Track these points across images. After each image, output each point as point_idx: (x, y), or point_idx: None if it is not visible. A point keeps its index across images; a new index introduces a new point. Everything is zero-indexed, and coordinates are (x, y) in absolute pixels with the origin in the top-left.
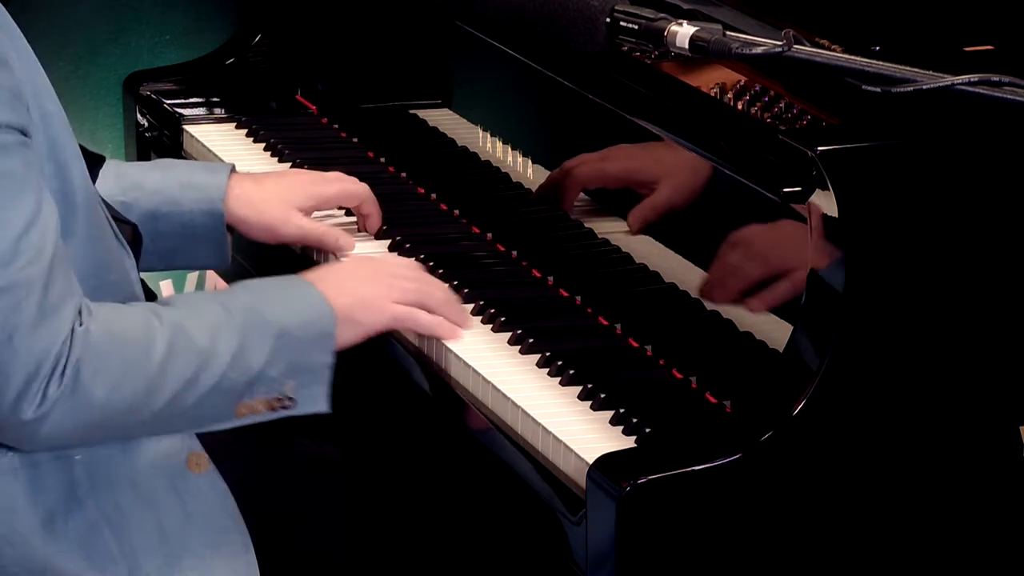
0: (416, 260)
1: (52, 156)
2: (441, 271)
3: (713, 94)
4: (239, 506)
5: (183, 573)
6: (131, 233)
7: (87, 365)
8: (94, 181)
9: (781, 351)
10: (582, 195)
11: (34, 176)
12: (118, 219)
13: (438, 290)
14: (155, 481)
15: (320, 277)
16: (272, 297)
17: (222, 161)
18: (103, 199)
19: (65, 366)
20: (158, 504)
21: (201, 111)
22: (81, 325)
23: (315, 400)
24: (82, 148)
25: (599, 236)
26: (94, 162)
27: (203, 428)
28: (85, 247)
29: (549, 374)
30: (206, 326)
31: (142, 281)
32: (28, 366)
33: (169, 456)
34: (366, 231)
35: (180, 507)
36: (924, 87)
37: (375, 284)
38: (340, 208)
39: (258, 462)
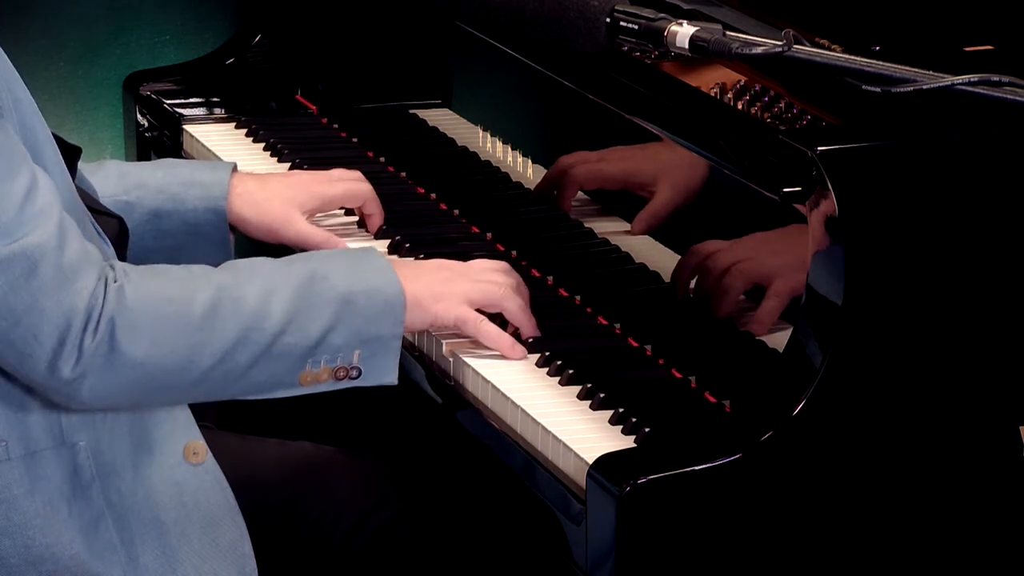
0: (415, 260)
1: (25, 141)
2: None
3: (713, 94)
4: (240, 506)
5: (180, 563)
6: (116, 227)
7: (122, 321)
8: (73, 172)
9: (781, 351)
10: (581, 195)
11: (21, 149)
12: (103, 213)
13: (518, 298)
14: (154, 471)
15: (398, 261)
16: (340, 265)
17: (222, 161)
18: (85, 193)
19: (99, 321)
20: (157, 494)
21: (201, 111)
22: (116, 282)
23: (382, 372)
24: (58, 139)
25: (598, 236)
26: (71, 154)
27: (267, 394)
28: None
29: (548, 374)
30: (259, 288)
31: None
32: (58, 326)
33: (166, 448)
34: (367, 231)
35: (177, 498)
36: (924, 87)
37: (451, 283)
38: (341, 208)
39: (259, 463)
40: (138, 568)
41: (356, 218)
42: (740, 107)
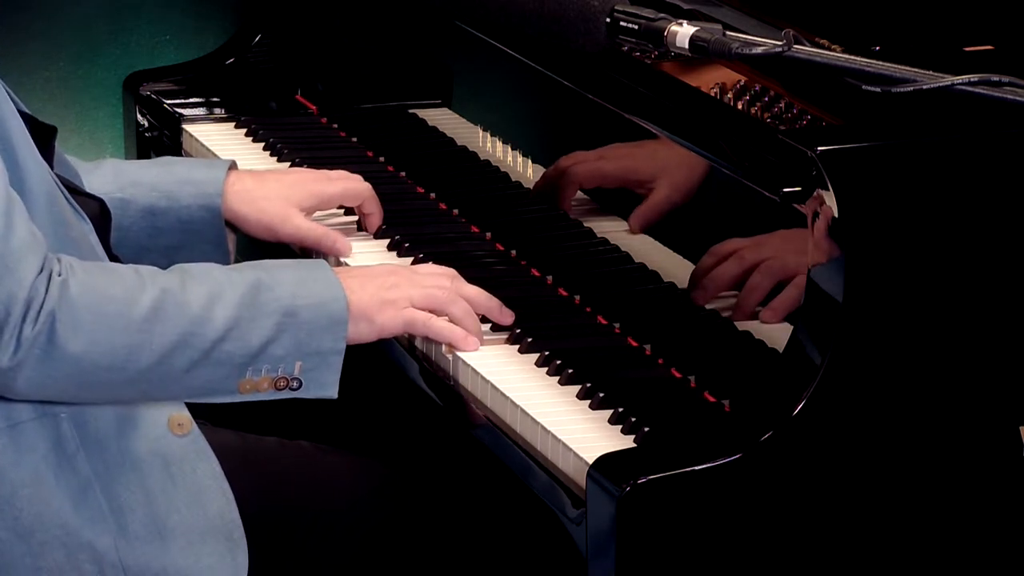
0: (416, 259)
1: None
2: None
3: (713, 94)
4: (237, 504)
5: (170, 531)
6: (98, 209)
7: (63, 316)
8: (50, 153)
9: (781, 351)
10: (580, 194)
11: None
12: (83, 194)
13: (463, 303)
14: (138, 442)
15: (346, 271)
16: (286, 276)
17: (220, 159)
18: (59, 176)
19: (39, 313)
20: (142, 464)
21: (201, 111)
22: (60, 276)
23: (323, 385)
24: (32, 118)
25: (598, 235)
26: (46, 133)
27: (203, 398)
28: (37, 202)
29: (548, 373)
30: (204, 293)
31: (110, 252)
32: None
33: (150, 419)
34: (366, 230)
35: (163, 468)
36: (924, 87)
37: (398, 289)
38: (340, 207)
39: (258, 461)
40: (128, 535)
41: (355, 218)
42: (740, 107)
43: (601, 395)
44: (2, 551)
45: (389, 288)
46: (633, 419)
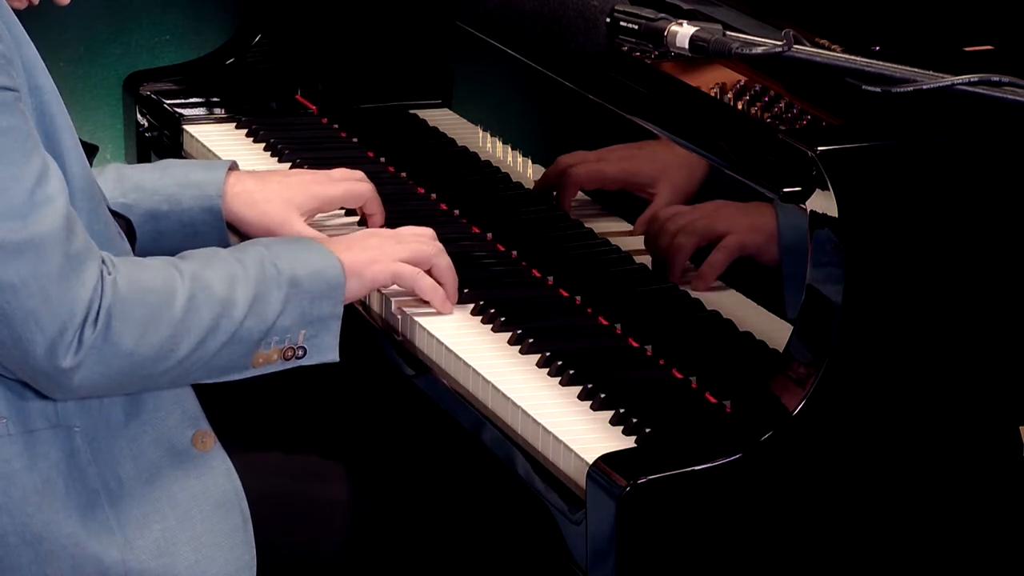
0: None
1: (42, 128)
2: None
3: (713, 94)
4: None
5: (179, 546)
6: (125, 227)
7: (117, 312)
8: None
9: (781, 351)
10: (581, 195)
11: (35, 134)
12: (112, 212)
13: (446, 257)
14: (160, 458)
15: (327, 239)
16: (282, 250)
17: (220, 160)
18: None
19: (99, 312)
20: (162, 479)
21: (201, 111)
22: (110, 274)
23: (325, 350)
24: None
25: (599, 236)
26: (88, 152)
27: (223, 377)
28: (82, 218)
29: (549, 374)
30: (223, 276)
31: None
32: (61, 315)
33: (174, 434)
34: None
35: (184, 481)
36: (924, 87)
37: (382, 247)
38: (342, 208)
39: (262, 470)
40: (136, 550)
41: (357, 218)
42: (740, 107)
43: (602, 396)
44: (9, 556)
45: (374, 247)
46: (634, 420)
